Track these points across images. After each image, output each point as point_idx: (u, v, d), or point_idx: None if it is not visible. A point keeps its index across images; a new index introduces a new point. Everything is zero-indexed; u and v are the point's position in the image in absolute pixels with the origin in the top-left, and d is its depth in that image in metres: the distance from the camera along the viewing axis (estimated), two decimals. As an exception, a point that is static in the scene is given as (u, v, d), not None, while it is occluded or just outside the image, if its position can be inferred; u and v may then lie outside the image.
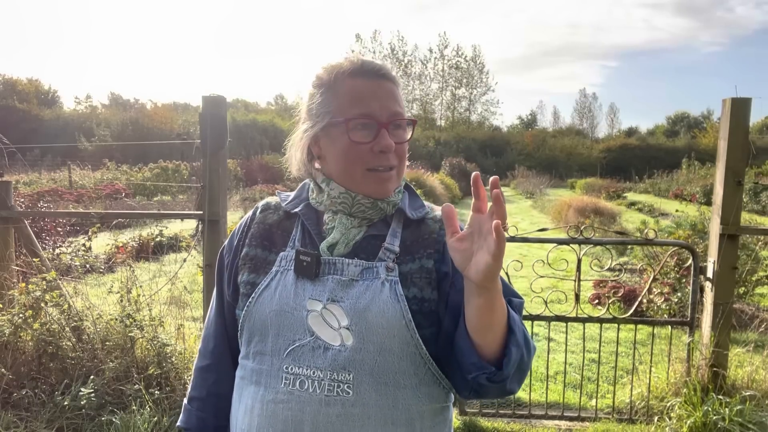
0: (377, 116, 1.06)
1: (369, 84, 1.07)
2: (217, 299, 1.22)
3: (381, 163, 1.07)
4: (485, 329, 0.95)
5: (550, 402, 3.74)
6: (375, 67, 1.08)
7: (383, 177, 1.08)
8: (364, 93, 1.06)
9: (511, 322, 0.97)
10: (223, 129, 3.26)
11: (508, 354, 0.96)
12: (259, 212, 1.19)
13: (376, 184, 1.08)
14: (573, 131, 59.37)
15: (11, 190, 3.75)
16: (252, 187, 18.53)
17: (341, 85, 1.07)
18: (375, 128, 1.05)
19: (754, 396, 3.30)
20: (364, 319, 1.02)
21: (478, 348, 0.96)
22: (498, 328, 0.96)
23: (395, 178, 1.10)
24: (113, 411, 2.99)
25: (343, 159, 1.08)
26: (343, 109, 1.06)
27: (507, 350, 0.96)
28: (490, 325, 0.95)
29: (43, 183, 16.85)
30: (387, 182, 1.09)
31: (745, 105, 3.29)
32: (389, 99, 1.07)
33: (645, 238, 3.58)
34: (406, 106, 1.27)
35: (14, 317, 3.20)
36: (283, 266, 1.09)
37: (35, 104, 41.97)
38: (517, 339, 0.97)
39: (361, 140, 1.05)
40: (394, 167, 1.09)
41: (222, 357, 1.21)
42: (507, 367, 0.96)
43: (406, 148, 1.11)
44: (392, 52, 58.27)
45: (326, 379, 1.01)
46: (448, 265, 1.07)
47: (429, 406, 1.06)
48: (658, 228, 6.79)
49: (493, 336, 0.96)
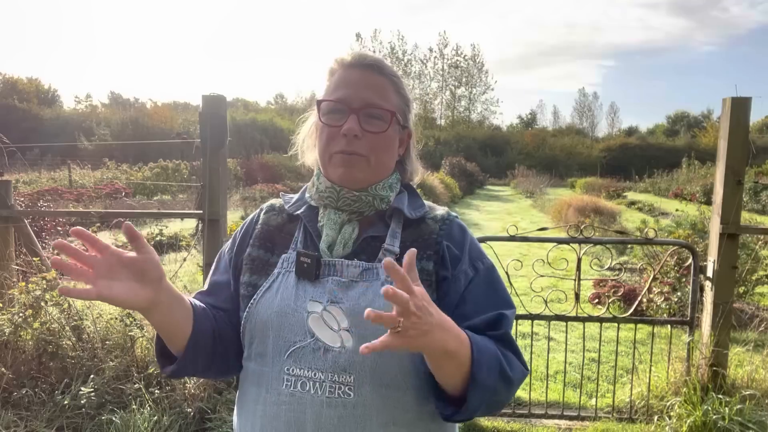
0: (350, 101, 1.06)
1: (358, 74, 1.08)
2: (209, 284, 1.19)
3: (345, 147, 1.06)
4: (439, 373, 0.95)
5: (550, 401, 3.74)
6: (367, 60, 1.10)
7: (347, 160, 1.06)
8: (349, 81, 1.08)
9: (474, 368, 0.92)
10: (223, 128, 3.26)
11: (467, 400, 0.94)
12: (263, 213, 1.20)
13: (341, 167, 1.07)
14: (573, 130, 59.34)
15: (11, 189, 3.75)
16: (252, 186, 18.50)
17: (336, 75, 1.11)
18: (347, 113, 1.06)
19: (754, 395, 3.30)
20: (363, 321, 0.99)
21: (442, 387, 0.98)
22: (453, 380, 0.94)
23: (364, 166, 1.07)
24: (113, 410, 2.99)
25: (319, 141, 1.11)
26: (327, 94, 1.10)
27: (467, 397, 0.94)
28: (443, 378, 0.95)
29: (43, 182, 16.85)
30: (352, 167, 1.07)
31: (745, 104, 3.29)
32: (369, 88, 1.07)
33: (645, 238, 3.58)
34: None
35: (14, 316, 3.20)
36: (284, 268, 1.09)
37: (35, 103, 41.97)
38: (479, 385, 0.92)
39: (331, 123, 1.07)
40: (364, 156, 1.07)
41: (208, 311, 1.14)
42: (465, 413, 0.95)
43: (382, 139, 1.08)
44: (392, 51, 58.27)
45: (327, 381, 1.01)
46: (448, 269, 1.07)
47: (431, 407, 1.05)
48: (658, 227, 6.79)
49: (449, 384, 0.96)
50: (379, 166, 1.10)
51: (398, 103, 1.11)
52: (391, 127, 1.09)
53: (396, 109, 1.10)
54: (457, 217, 1.17)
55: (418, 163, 1.23)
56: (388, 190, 1.12)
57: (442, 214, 1.15)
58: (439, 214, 1.15)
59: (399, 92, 1.12)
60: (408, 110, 1.15)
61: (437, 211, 1.16)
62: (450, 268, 1.07)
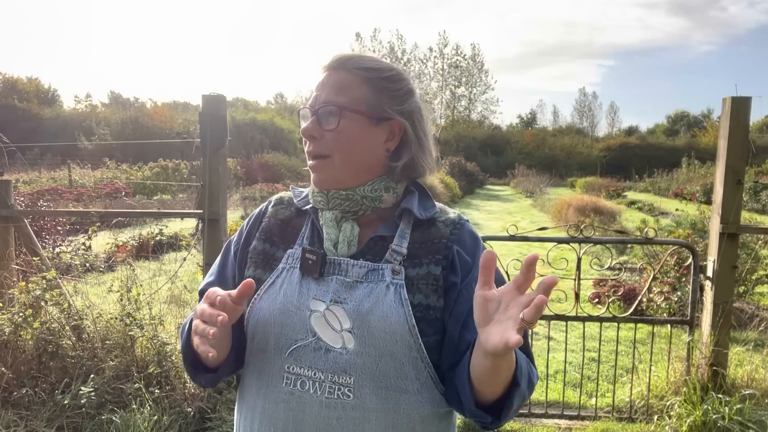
0: (311, 104, 1.07)
1: (326, 76, 1.08)
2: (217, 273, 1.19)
3: (308, 150, 1.07)
4: (487, 384, 0.93)
5: (549, 401, 3.75)
6: (332, 60, 1.09)
7: (315, 165, 1.07)
8: (318, 85, 1.09)
9: (517, 373, 0.92)
10: (223, 128, 3.26)
11: (509, 405, 0.94)
12: (272, 206, 1.18)
13: (313, 173, 1.08)
14: (573, 130, 59.32)
15: (11, 188, 3.75)
16: (252, 186, 18.52)
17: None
18: (308, 117, 1.07)
19: (754, 395, 3.30)
20: (366, 323, 1.00)
21: (477, 394, 0.95)
22: (501, 384, 0.93)
23: (330, 166, 1.05)
24: (113, 410, 2.99)
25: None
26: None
27: (509, 401, 0.93)
28: (493, 382, 0.93)
29: (42, 182, 16.84)
30: (320, 171, 1.06)
31: (745, 104, 3.29)
32: (329, 87, 1.06)
33: (645, 237, 3.58)
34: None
35: (14, 316, 3.20)
36: (289, 263, 1.08)
37: (35, 103, 41.92)
38: (521, 391, 0.94)
39: (302, 128, 1.08)
40: (326, 156, 1.05)
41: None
42: (505, 418, 0.95)
43: (341, 135, 1.04)
44: (391, 51, 58.26)
45: (327, 381, 1.00)
46: (458, 275, 1.05)
47: (431, 410, 1.04)
48: (658, 227, 6.79)
49: (495, 389, 0.94)
50: (347, 162, 1.05)
51: (364, 95, 1.05)
52: (344, 121, 1.04)
53: (353, 102, 1.04)
54: (468, 221, 1.14)
55: (427, 156, 1.13)
56: (381, 191, 1.08)
57: (453, 217, 1.12)
58: (450, 217, 1.12)
59: (370, 83, 1.06)
60: (392, 101, 1.08)
61: (449, 214, 1.13)
62: (460, 275, 1.05)
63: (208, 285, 1.17)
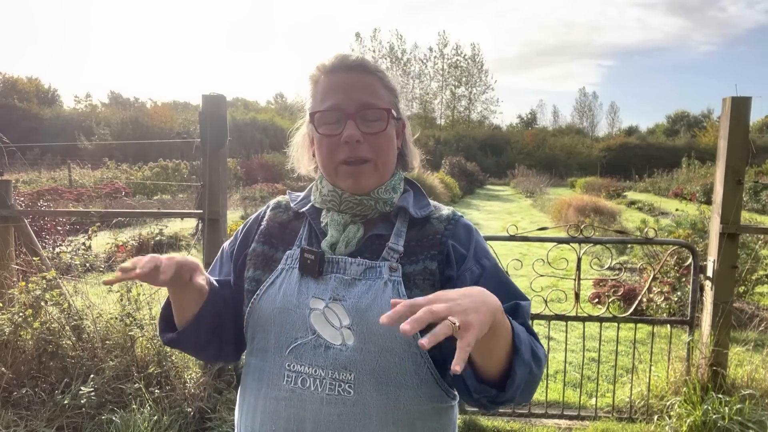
0: (344, 107, 1.05)
1: (345, 77, 1.06)
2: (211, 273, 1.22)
3: (349, 155, 1.05)
4: (484, 356, 0.90)
5: (549, 401, 3.75)
6: (350, 62, 1.07)
7: (354, 171, 1.06)
8: (337, 86, 1.06)
9: (516, 340, 0.90)
10: (223, 128, 3.26)
11: (512, 375, 0.90)
12: (270, 210, 1.21)
13: (350, 178, 1.07)
14: (573, 130, 59.36)
15: (11, 188, 3.75)
16: (252, 186, 18.51)
17: (321, 82, 1.09)
18: (343, 120, 1.05)
19: (754, 395, 3.30)
20: (365, 319, 1.01)
21: (479, 369, 0.91)
22: (499, 354, 0.90)
23: (371, 171, 1.07)
24: (113, 410, 2.99)
25: (319, 153, 1.10)
26: (316, 104, 1.08)
27: (511, 371, 0.90)
28: (489, 354, 0.89)
29: (42, 182, 16.84)
30: (360, 176, 1.06)
31: (745, 104, 3.29)
32: (360, 90, 1.05)
33: (645, 237, 3.58)
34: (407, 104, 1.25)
35: (14, 316, 3.20)
36: (288, 264, 1.10)
37: (35, 103, 41.92)
38: (522, 358, 0.90)
39: (330, 133, 1.06)
40: (369, 160, 1.06)
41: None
42: (510, 389, 0.90)
43: (383, 139, 1.07)
44: (391, 51, 58.29)
45: (327, 378, 1.01)
46: (453, 268, 1.06)
47: (431, 406, 1.05)
48: (658, 227, 6.79)
49: (494, 360, 0.90)
50: (384, 166, 1.09)
51: (390, 98, 1.10)
52: (389, 125, 1.08)
53: (388, 105, 1.08)
54: (462, 216, 1.16)
55: (415, 150, 1.21)
56: (391, 192, 1.11)
57: (447, 213, 1.14)
58: (444, 213, 1.14)
59: (387, 86, 1.10)
60: (398, 101, 1.13)
61: (442, 211, 1.15)
62: (455, 268, 1.06)
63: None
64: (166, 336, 1.12)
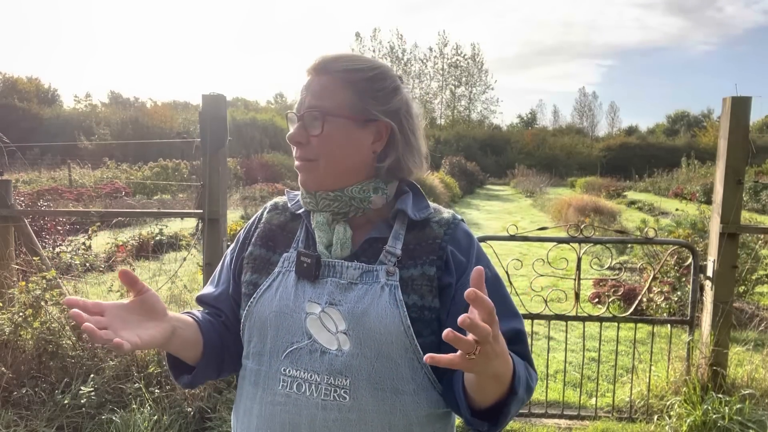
0: (297, 109, 1.07)
1: (309, 78, 1.08)
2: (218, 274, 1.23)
3: (297, 155, 1.08)
4: (481, 393, 0.93)
5: (549, 401, 3.75)
6: (314, 63, 1.08)
7: (301, 167, 1.08)
8: (303, 88, 1.08)
9: (515, 382, 0.91)
10: (223, 128, 3.26)
11: (506, 413, 0.93)
12: (267, 212, 1.20)
13: (300, 175, 1.09)
14: (573, 130, 59.34)
15: (11, 188, 3.75)
16: (252, 185, 18.51)
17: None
18: (295, 121, 1.08)
19: (754, 395, 3.30)
20: (361, 324, 1.00)
21: (473, 402, 0.95)
22: (496, 394, 0.92)
23: (316, 169, 1.06)
24: (113, 409, 2.99)
25: None
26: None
27: (506, 408, 0.92)
28: (485, 393, 0.92)
29: (42, 182, 16.84)
30: (307, 173, 1.07)
31: (745, 104, 3.29)
32: (312, 91, 1.06)
33: (645, 237, 3.58)
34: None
35: (14, 316, 3.20)
36: (285, 267, 1.09)
37: (35, 103, 41.91)
38: (518, 398, 0.93)
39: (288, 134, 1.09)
40: (312, 159, 1.06)
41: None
42: (502, 424, 0.94)
43: (324, 141, 1.04)
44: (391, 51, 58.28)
45: (323, 384, 1.00)
46: (452, 275, 1.04)
47: (428, 411, 1.04)
48: (658, 227, 6.79)
49: (489, 397, 0.93)
50: (332, 166, 1.05)
51: (347, 98, 1.04)
52: (328, 126, 1.03)
53: (336, 106, 1.03)
54: (462, 220, 1.14)
55: (415, 155, 1.12)
56: (369, 192, 1.08)
57: (447, 217, 1.11)
58: (444, 217, 1.11)
59: (353, 85, 1.05)
60: (376, 102, 1.05)
61: (442, 215, 1.12)
62: (455, 275, 1.04)
63: (207, 295, 1.20)
64: (182, 380, 1.12)
